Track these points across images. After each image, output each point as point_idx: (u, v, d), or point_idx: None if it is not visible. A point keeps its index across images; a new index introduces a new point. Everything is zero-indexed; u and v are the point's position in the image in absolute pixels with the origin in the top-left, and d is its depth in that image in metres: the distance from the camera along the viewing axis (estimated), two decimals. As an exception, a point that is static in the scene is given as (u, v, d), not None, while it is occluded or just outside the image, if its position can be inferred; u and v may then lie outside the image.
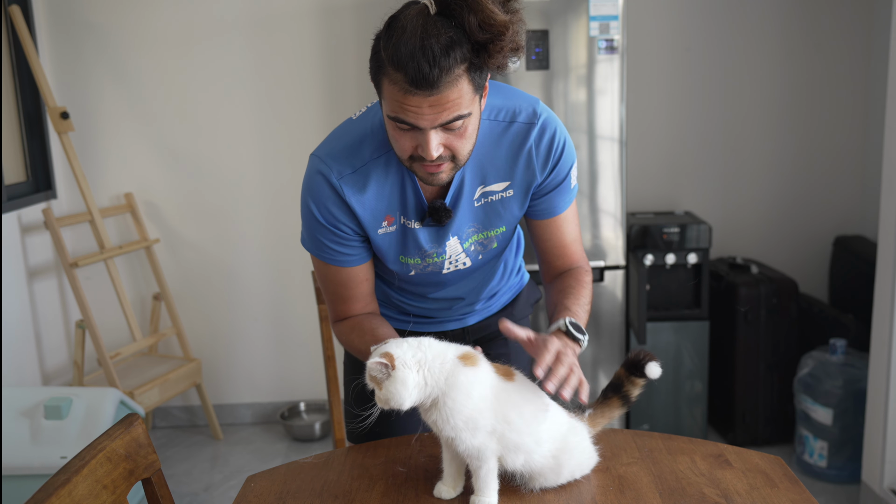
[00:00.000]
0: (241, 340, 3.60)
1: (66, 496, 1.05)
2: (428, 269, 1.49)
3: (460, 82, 1.19)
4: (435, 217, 1.41)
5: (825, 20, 3.39)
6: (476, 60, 1.20)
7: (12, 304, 3.01)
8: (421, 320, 1.63)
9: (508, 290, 1.70)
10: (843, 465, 2.90)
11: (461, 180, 1.41)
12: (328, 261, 1.45)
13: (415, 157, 1.27)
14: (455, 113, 1.21)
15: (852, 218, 3.52)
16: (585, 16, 2.81)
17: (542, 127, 1.40)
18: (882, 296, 2.58)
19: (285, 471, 1.38)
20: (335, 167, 1.37)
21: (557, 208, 1.48)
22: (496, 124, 1.40)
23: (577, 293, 1.46)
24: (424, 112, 1.20)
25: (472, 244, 1.48)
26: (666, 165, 3.50)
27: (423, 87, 1.17)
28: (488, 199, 1.44)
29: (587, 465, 1.32)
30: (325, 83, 3.41)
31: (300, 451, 3.36)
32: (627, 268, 3.03)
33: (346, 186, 1.37)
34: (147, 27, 3.33)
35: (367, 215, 1.39)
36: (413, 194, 1.40)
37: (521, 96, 1.43)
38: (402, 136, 1.25)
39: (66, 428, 2.52)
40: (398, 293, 1.60)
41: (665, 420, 3.16)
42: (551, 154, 1.41)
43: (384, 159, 1.38)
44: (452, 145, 1.26)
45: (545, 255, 1.55)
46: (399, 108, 1.21)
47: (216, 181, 3.46)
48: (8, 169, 3.13)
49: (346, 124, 1.43)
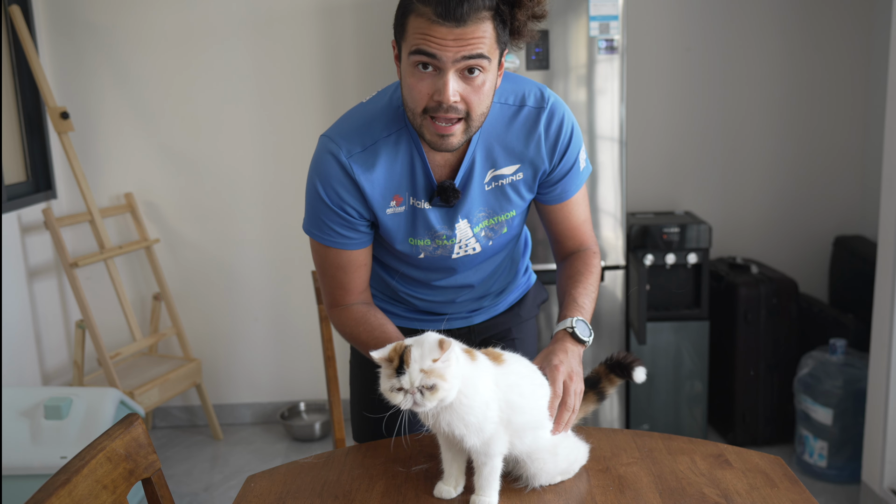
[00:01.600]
0: (241, 340, 3.60)
1: (66, 496, 1.05)
2: (437, 251, 1.48)
3: (485, 24, 1.22)
4: (443, 197, 1.41)
5: (825, 20, 3.39)
6: (502, 9, 1.24)
7: (12, 304, 3.01)
8: (427, 317, 1.63)
9: (516, 290, 1.70)
10: (843, 465, 2.90)
11: (471, 162, 1.41)
12: (329, 244, 1.45)
13: (430, 108, 1.27)
14: (478, 49, 1.23)
15: (852, 218, 3.52)
16: (585, 16, 2.81)
17: (550, 112, 1.42)
18: (882, 296, 2.58)
19: (285, 471, 1.38)
20: (344, 145, 1.37)
21: (568, 193, 1.51)
22: (506, 108, 1.41)
23: (585, 281, 1.50)
24: (448, 44, 1.21)
25: (483, 229, 1.48)
26: (666, 165, 3.50)
27: (449, 18, 1.19)
28: (499, 182, 1.44)
29: (582, 457, 1.33)
30: (325, 83, 3.41)
31: (300, 451, 3.36)
32: (627, 268, 3.03)
33: (355, 165, 1.37)
34: (147, 27, 3.33)
35: (375, 194, 1.40)
36: (423, 173, 1.41)
37: (527, 82, 1.45)
38: (420, 82, 1.26)
39: (66, 428, 2.52)
40: (405, 284, 1.59)
41: (665, 420, 3.16)
42: (559, 141, 1.43)
43: (394, 137, 1.39)
44: (468, 98, 1.27)
45: (556, 237, 1.58)
46: (422, 40, 1.22)
47: (216, 181, 3.46)
48: (8, 169, 3.13)
49: (357, 107, 1.44)
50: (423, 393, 1.14)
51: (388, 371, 1.16)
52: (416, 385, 1.13)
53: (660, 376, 3.13)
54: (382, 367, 1.18)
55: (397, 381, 1.14)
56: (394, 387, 1.15)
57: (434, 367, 1.14)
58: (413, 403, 1.15)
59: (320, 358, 3.45)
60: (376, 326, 1.45)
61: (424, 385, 1.13)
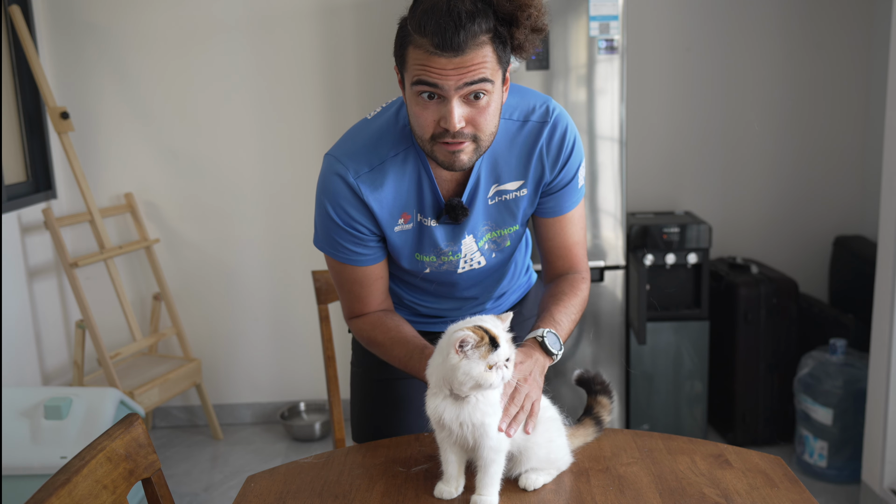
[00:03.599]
0: (241, 340, 3.60)
1: (66, 496, 1.05)
2: (443, 267, 1.49)
3: (484, 48, 1.21)
4: (451, 214, 1.41)
5: (825, 20, 3.39)
6: (501, 30, 1.23)
7: (12, 304, 3.01)
8: (431, 320, 1.64)
9: (517, 290, 1.71)
10: (843, 465, 2.90)
11: (477, 178, 1.41)
12: (344, 261, 1.45)
13: (437, 134, 1.27)
14: (479, 75, 1.22)
15: (852, 218, 3.52)
16: (585, 16, 2.81)
17: (553, 125, 1.41)
18: (882, 296, 2.58)
19: (285, 471, 1.38)
20: (352, 166, 1.37)
21: (564, 207, 1.49)
22: (511, 123, 1.41)
23: (567, 301, 1.47)
24: (448, 73, 1.21)
25: (486, 242, 1.48)
26: (666, 165, 3.50)
27: (447, 49, 1.18)
28: (502, 197, 1.44)
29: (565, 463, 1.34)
30: (325, 83, 3.41)
31: (300, 451, 3.36)
32: (627, 268, 3.03)
33: (363, 185, 1.37)
34: (147, 27, 3.33)
35: (384, 213, 1.40)
36: (430, 191, 1.41)
37: (533, 95, 1.44)
38: (425, 110, 1.26)
39: (66, 428, 2.52)
40: (410, 293, 1.60)
41: (665, 420, 3.16)
42: (562, 152, 1.42)
43: (401, 157, 1.38)
44: (474, 120, 1.26)
45: (547, 255, 1.55)
46: (423, 71, 1.22)
47: (216, 181, 3.46)
48: (8, 169, 3.13)
49: (361, 124, 1.43)
50: (506, 366, 1.18)
51: (480, 351, 1.17)
52: (511, 357, 1.19)
53: (660, 376, 3.13)
54: (470, 351, 1.17)
55: (494, 357, 1.16)
56: (489, 364, 1.17)
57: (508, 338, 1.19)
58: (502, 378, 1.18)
59: (320, 358, 3.45)
60: (392, 327, 1.46)
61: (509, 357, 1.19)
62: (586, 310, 2.96)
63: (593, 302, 3.00)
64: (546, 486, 1.29)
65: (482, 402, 1.21)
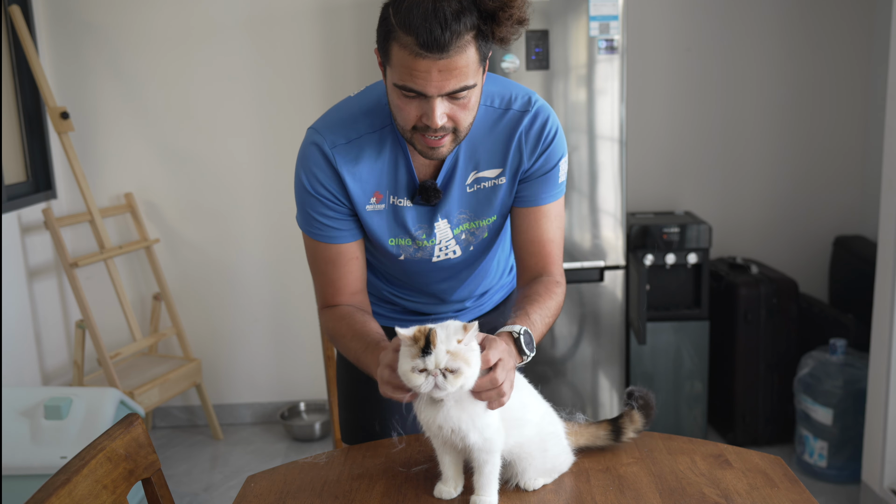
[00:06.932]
0: (241, 340, 3.60)
1: (66, 496, 1.05)
2: (418, 254, 1.48)
3: (469, 49, 1.22)
4: (424, 196, 1.41)
5: (825, 20, 3.39)
6: (484, 28, 1.23)
7: (12, 304, 3.01)
8: (413, 317, 1.63)
9: (501, 289, 1.70)
10: (843, 465, 2.90)
11: (454, 162, 1.41)
12: (317, 236, 1.45)
13: (418, 127, 1.29)
14: (462, 83, 1.23)
15: (852, 218, 3.52)
16: (585, 16, 2.81)
17: (534, 114, 1.41)
18: (882, 296, 2.58)
19: (285, 471, 1.38)
20: (329, 136, 1.38)
21: (540, 198, 1.46)
22: (492, 111, 1.41)
23: (542, 302, 1.41)
24: (433, 78, 1.21)
25: (463, 232, 1.48)
26: (666, 165, 3.50)
27: (433, 50, 1.19)
28: (481, 185, 1.44)
29: (566, 464, 1.33)
30: (325, 83, 3.41)
31: (300, 451, 3.36)
32: (627, 268, 3.03)
33: (338, 156, 1.38)
34: (147, 27, 3.33)
35: (356, 188, 1.40)
36: (406, 172, 1.41)
37: (516, 86, 1.45)
38: (408, 106, 1.27)
39: (66, 428, 2.52)
40: (388, 285, 1.60)
41: (665, 420, 3.16)
42: (541, 140, 1.42)
43: (379, 135, 1.39)
44: (456, 116, 1.28)
45: (520, 251, 1.51)
46: (407, 75, 1.22)
47: (216, 181, 3.46)
48: (8, 169, 3.13)
49: (345, 101, 1.44)
50: (445, 376, 1.12)
51: (412, 351, 1.13)
52: (442, 367, 1.12)
53: (660, 376, 3.14)
54: (404, 347, 1.15)
55: (421, 362, 1.12)
56: (416, 367, 1.12)
57: (459, 350, 1.12)
58: (434, 386, 1.12)
59: (320, 358, 3.45)
60: (358, 321, 1.43)
61: (448, 368, 1.12)
62: (586, 310, 2.99)
63: (593, 302, 3.00)
64: (546, 486, 1.30)
65: (457, 406, 1.18)
